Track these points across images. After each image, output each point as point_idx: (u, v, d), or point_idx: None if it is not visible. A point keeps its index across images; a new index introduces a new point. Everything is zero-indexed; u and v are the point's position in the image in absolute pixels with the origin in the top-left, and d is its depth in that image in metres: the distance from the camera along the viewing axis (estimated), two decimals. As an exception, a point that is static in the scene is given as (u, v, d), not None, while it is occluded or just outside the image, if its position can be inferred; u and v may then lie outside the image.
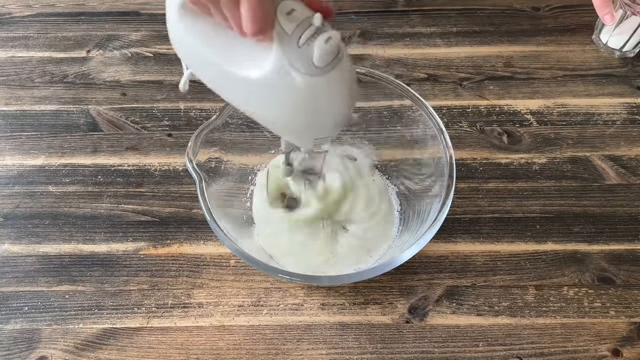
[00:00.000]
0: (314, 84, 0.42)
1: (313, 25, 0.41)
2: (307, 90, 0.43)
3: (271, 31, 0.41)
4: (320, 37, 0.41)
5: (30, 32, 0.84)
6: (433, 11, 0.85)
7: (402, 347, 0.57)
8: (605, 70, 0.78)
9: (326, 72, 0.42)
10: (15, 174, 0.70)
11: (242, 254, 0.52)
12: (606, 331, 0.58)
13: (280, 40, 0.42)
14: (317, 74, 0.42)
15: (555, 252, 0.63)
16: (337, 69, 0.42)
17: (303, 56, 0.41)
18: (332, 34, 0.41)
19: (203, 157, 0.58)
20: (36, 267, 0.62)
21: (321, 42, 0.41)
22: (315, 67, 0.42)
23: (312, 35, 0.41)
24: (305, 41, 0.41)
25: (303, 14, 0.42)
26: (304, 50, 0.41)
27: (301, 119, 0.46)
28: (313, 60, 0.41)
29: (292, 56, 0.42)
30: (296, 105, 0.44)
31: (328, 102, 0.45)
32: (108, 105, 0.76)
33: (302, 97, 0.43)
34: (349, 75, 0.45)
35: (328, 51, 0.41)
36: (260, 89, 0.44)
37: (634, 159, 0.69)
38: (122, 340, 0.58)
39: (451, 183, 0.54)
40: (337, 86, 0.44)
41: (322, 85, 0.43)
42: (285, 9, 0.42)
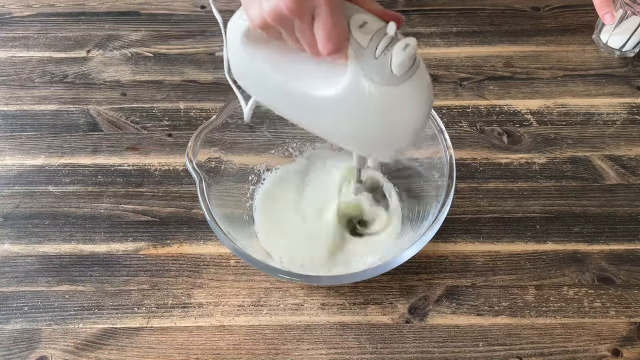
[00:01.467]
0: (393, 94, 0.42)
1: (387, 35, 0.41)
2: (388, 101, 0.42)
3: (346, 49, 0.41)
4: (397, 45, 0.40)
5: (30, 32, 0.84)
6: (433, 11, 0.85)
7: (402, 347, 0.57)
8: (605, 70, 0.78)
9: (405, 80, 0.42)
10: (15, 174, 0.70)
11: (242, 254, 0.52)
12: (606, 331, 0.58)
13: (355, 55, 0.41)
14: (397, 83, 0.42)
15: (555, 252, 0.63)
16: (415, 76, 0.42)
17: (381, 66, 0.41)
18: (409, 40, 0.41)
19: (203, 157, 0.58)
20: (36, 267, 0.62)
21: (399, 50, 0.40)
22: (394, 76, 0.41)
23: (388, 44, 0.41)
24: (382, 51, 0.41)
25: (376, 25, 0.42)
26: (382, 60, 0.41)
27: (382, 130, 0.45)
28: (392, 69, 0.41)
29: (370, 68, 0.41)
30: (377, 117, 0.44)
31: (409, 110, 0.44)
32: (108, 105, 0.76)
33: (383, 108, 0.43)
34: (428, 82, 0.44)
35: (406, 58, 0.41)
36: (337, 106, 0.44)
37: (634, 159, 0.69)
38: (122, 340, 0.58)
39: (451, 183, 0.54)
40: (417, 93, 0.43)
41: (402, 94, 0.43)
42: (358, 22, 0.42)
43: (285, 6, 0.38)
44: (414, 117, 0.45)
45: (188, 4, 0.87)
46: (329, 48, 0.40)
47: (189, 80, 0.78)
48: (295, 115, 0.49)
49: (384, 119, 0.44)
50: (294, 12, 0.38)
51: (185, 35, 0.83)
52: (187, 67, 0.79)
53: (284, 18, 0.39)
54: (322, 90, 0.44)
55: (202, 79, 0.78)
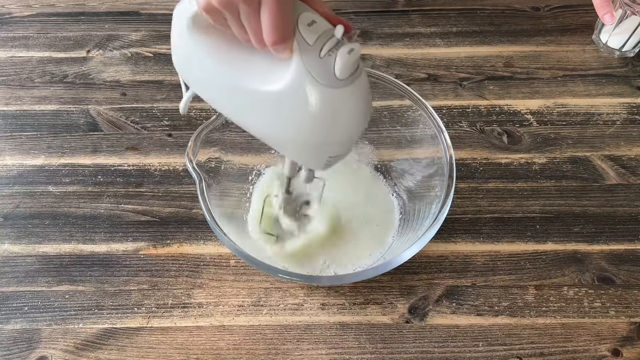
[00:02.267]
0: (333, 96, 0.42)
1: (334, 37, 0.41)
2: (327, 102, 0.42)
3: (292, 41, 0.41)
4: (343, 49, 0.41)
5: (30, 32, 0.84)
6: (433, 11, 0.85)
7: (402, 347, 0.57)
8: (605, 70, 0.78)
9: (346, 85, 0.42)
10: (15, 174, 0.70)
11: (242, 254, 0.52)
12: (606, 331, 0.58)
13: (301, 51, 0.41)
14: (337, 86, 0.42)
15: (555, 252, 0.63)
16: (356, 83, 0.42)
17: (324, 67, 0.41)
18: (355, 46, 0.41)
19: (203, 157, 0.58)
20: (36, 267, 0.62)
21: (344, 54, 0.40)
22: (336, 78, 0.41)
23: (334, 46, 0.41)
24: (327, 52, 0.41)
25: (324, 26, 0.42)
26: (326, 61, 0.41)
27: (318, 133, 0.45)
28: (335, 72, 0.41)
29: (313, 67, 0.41)
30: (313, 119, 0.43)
31: (346, 116, 0.44)
32: (108, 105, 0.76)
33: (321, 109, 0.43)
34: (367, 90, 0.44)
35: (350, 63, 0.41)
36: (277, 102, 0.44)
37: (634, 159, 0.69)
38: (122, 340, 0.58)
39: (451, 183, 0.55)
40: (356, 100, 0.43)
41: (342, 98, 0.42)
42: (306, 20, 0.42)
43: None
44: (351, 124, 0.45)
45: (188, 4, 0.87)
46: (274, 37, 0.40)
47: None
48: (232, 110, 0.48)
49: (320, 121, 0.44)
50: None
51: (185, 35, 0.83)
52: (187, 67, 0.79)
53: (229, 3, 0.39)
54: (264, 85, 0.43)
55: (202, 79, 0.78)
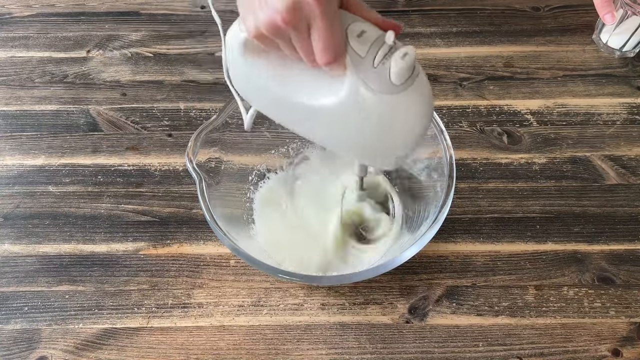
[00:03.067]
0: (393, 102, 0.42)
1: (386, 43, 0.41)
2: (387, 109, 0.42)
3: (344, 58, 0.41)
4: (396, 54, 0.40)
5: (30, 32, 0.84)
6: (433, 11, 0.85)
7: (402, 347, 0.57)
8: (605, 70, 0.78)
9: (405, 88, 0.42)
10: (15, 174, 0.70)
11: (242, 254, 0.52)
12: (606, 331, 0.58)
13: (354, 64, 0.41)
14: (395, 91, 0.41)
15: (555, 252, 0.63)
16: (415, 84, 0.42)
17: (380, 75, 0.41)
18: (408, 49, 0.41)
19: (203, 157, 0.58)
20: (36, 267, 0.62)
21: (397, 59, 0.40)
22: (393, 84, 0.41)
23: (386, 53, 0.41)
24: (381, 60, 0.41)
25: (374, 34, 0.42)
26: (380, 69, 0.41)
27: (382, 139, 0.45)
28: (390, 78, 0.41)
29: (368, 77, 0.41)
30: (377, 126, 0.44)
31: (408, 119, 0.44)
32: (108, 105, 0.76)
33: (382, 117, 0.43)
34: (427, 90, 0.44)
35: (405, 67, 0.40)
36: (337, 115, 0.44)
37: (634, 159, 0.69)
38: (122, 340, 0.58)
39: (451, 183, 0.54)
40: (416, 101, 0.43)
41: (401, 103, 0.42)
42: (356, 32, 0.41)
43: (281, 17, 0.38)
44: (414, 125, 0.45)
45: (188, 4, 0.87)
46: (326, 58, 0.40)
47: (189, 80, 0.78)
48: (295, 124, 0.49)
49: (383, 128, 0.44)
50: (289, 23, 0.38)
51: (185, 35, 0.83)
52: (187, 67, 0.79)
53: (279, 29, 0.39)
54: (321, 100, 0.44)
55: (202, 79, 0.78)
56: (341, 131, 0.46)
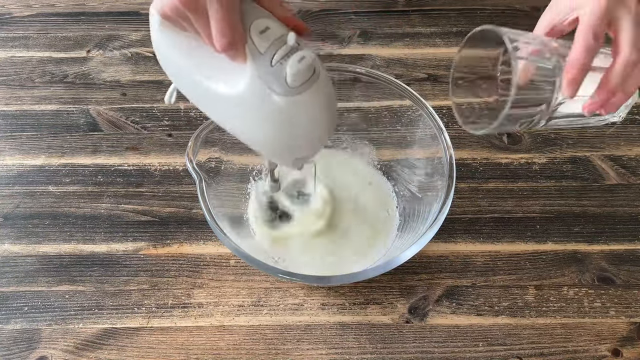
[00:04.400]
0: (288, 104, 0.42)
1: (287, 44, 0.41)
2: (282, 110, 0.42)
3: (243, 48, 0.41)
4: (294, 57, 0.40)
5: (30, 32, 0.84)
6: (433, 11, 0.85)
7: (402, 347, 0.57)
8: (605, 70, 0.78)
9: (301, 92, 0.41)
10: (15, 174, 0.69)
11: (242, 254, 0.52)
12: (606, 331, 0.58)
13: (253, 59, 0.41)
14: (291, 93, 0.41)
15: (555, 252, 0.63)
16: (312, 89, 0.42)
17: (276, 75, 0.41)
18: (306, 53, 0.41)
19: (203, 157, 0.58)
20: (36, 267, 0.62)
21: (294, 62, 0.40)
22: (289, 86, 0.41)
23: (285, 54, 0.41)
24: (279, 60, 0.41)
25: (277, 32, 0.41)
26: (277, 69, 0.41)
27: (278, 138, 0.45)
28: (286, 80, 0.41)
29: (266, 75, 0.41)
30: (271, 125, 0.43)
31: (305, 122, 0.44)
32: (108, 105, 0.76)
33: (277, 117, 0.43)
34: (327, 95, 0.44)
35: (301, 71, 0.40)
36: (235, 106, 0.44)
37: (634, 159, 0.69)
38: (122, 340, 0.58)
39: (451, 183, 0.55)
40: (314, 106, 0.43)
41: (297, 105, 0.42)
42: (260, 27, 0.41)
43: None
44: (312, 129, 0.45)
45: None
46: (222, 43, 0.40)
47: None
48: (207, 108, 0.48)
49: (278, 128, 0.44)
50: (186, 4, 0.39)
51: (185, 35, 0.83)
52: (187, 67, 0.79)
53: (178, 10, 0.40)
54: (224, 88, 0.44)
55: (202, 79, 0.78)
56: (241, 123, 0.46)
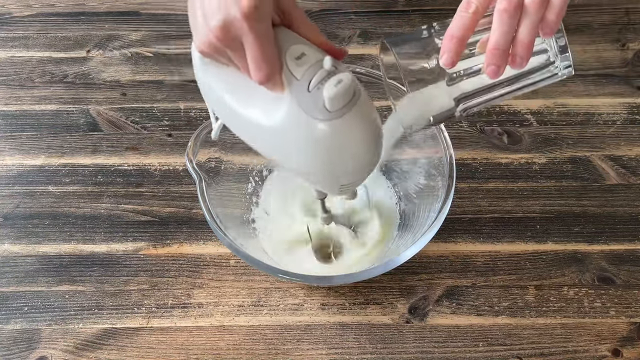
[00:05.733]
0: (329, 129, 0.41)
1: (323, 68, 0.40)
2: (323, 136, 0.41)
3: (280, 77, 0.41)
4: (330, 81, 0.40)
5: (30, 32, 0.84)
6: (433, 11, 0.85)
7: (402, 347, 0.57)
8: (605, 70, 0.78)
9: (341, 116, 0.40)
10: (15, 174, 0.69)
11: (242, 254, 0.52)
12: (606, 331, 0.58)
13: (290, 86, 0.41)
14: (331, 117, 0.40)
15: (555, 252, 0.63)
16: (352, 112, 0.41)
17: (315, 101, 0.40)
18: (344, 76, 0.40)
19: (203, 157, 0.58)
20: (36, 267, 0.62)
21: (331, 86, 0.39)
22: (328, 111, 0.40)
23: (322, 78, 0.40)
24: (316, 85, 0.40)
25: (313, 58, 0.41)
26: (315, 94, 0.40)
27: (321, 165, 0.44)
28: (325, 105, 0.40)
29: (304, 102, 0.40)
30: (314, 152, 0.43)
31: (347, 147, 0.43)
32: (108, 105, 0.76)
33: (318, 143, 0.42)
34: (368, 117, 0.43)
35: (339, 94, 0.40)
36: (277, 135, 0.43)
37: (634, 159, 0.69)
38: (122, 340, 0.58)
39: (451, 183, 0.54)
40: (354, 130, 0.42)
41: (338, 130, 0.41)
42: (295, 54, 0.41)
43: (214, 36, 0.39)
44: (356, 153, 0.44)
45: (188, 4, 0.86)
46: (259, 77, 0.40)
47: (189, 80, 0.78)
48: (249, 139, 0.48)
49: (320, 155, 0.43)
50: (221, 41, 0.39)
51: (185, 35, 0.83)
52: (187, 67, 0.79)
53: (215, 47, 0.40)
54: (263, 118, 0.43)
55: (202, 79, 0.78)
56: (283, 152, 0.45)
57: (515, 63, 0.41)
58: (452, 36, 0.41)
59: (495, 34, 0.40)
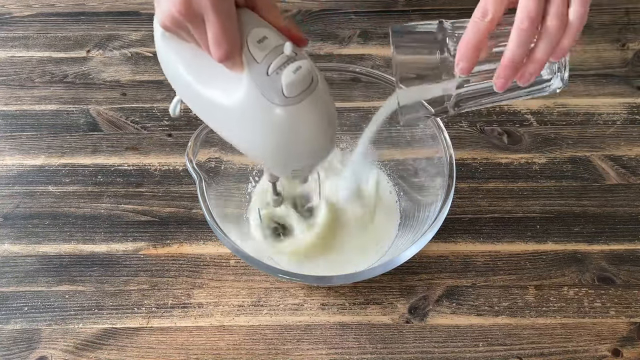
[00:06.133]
0: (285, 114, 0.41)
1: (283, 53, 0.41)
2: (279, 120, 0.42)
3: (240, 57, 0.41)
4: (289, 67, 0.40)
5: (30, 32, 0.84)
6: (433, 11, 0.85)
7: (402, 347, 0.57)
8: (605, 70, 0.78)
9: (297, 102, 0.41)
10: (15, 174, 0.69)
11: (242, 254, 0.52)
12: (606, 331, 0.58)
13: (250, 68, 0.41)
14: (287, 103, 0.41)
15: (555, 252, 0.63)
16: (309, 99, 0.41)
17: (273, 85, 0.41)
18: (303, 63, 0.40)
19: (203, 157, 0.58)
20: (36, 267, 0.62)
21: (289, 72, 0.40)
22: (285, 96, 0.41)
23: (282, 64, 0.40)
24: (275, 70, 0.40)
25: (274, 42, 0.41)
26: (274, 79, 0.40)
27: (275, 148, 0.45)
28: (283, 90, 0.40)
29: (262, 85, 0.41)
30: (268, 135, 0.43)
31: (302, 133, 0.43)
32: (108, 105, 0.76)
33: (274, 127, 0.42)
34: (325, 105, 0.43)
35: (297, 81, 0.40)
36: (233, 115, 0.44)
37: (634, 159, 0.69)
38: (122, 340, 0.58)
39: (451, 183, 0.55)
40: (311, 116, 0.43)
41: (294, 115, 0.42)
42: (257, 37, 0.41)
43: (176, 10, 0.40)
44: (310, 140, 0.44)
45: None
46: (218, 53, 0.40)
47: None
48: (207, 118, 0.48)
49: (275, 139, 0.43)
50: (184, 15, 0.40)
51: (185, 35, 0.83)
52: (187, 67, 0.79)
53: (177, 21, 0.41)
54: (221, 97, 0.44)
55: (202, 79, 0.78)
56: (240, 133, 0.45)
57: (523, 78, 0.42)
58: (469, 44, 0.42)
59: (511, 49, 0.41)
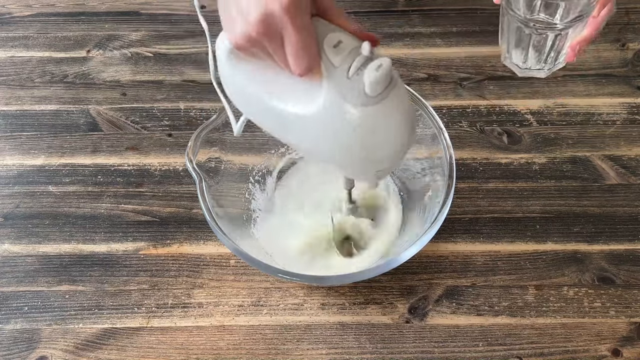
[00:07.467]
0: (369, 114, 0.41)
1: (361, 54, 0.41)
2: (363, 121, 0.42)
3: (319, 67, 0.41)
4: (370, 66, 0.40)
5: (30, 32, 0.84)
6: (433, 11, 0.85)
7: (402, 347, 0.57)
8: (605, 70, 0.78)
9: (380, 100, 0.41)
10: (15, 174, 0.70)
11: (242, 254, 0.52)
12: (606, 331, 0.58)
13: (329, 74, 0.41)
14: (371, 103, 0.41)
15: (555, 252, 0.63)
16: (391, 96, 0.41)
17: (354, 87, 0.41)
18: (383, 61, 0.40)
19: (203, 157, 0.58)
20: (36, 267, 0.62)
21: (371, 71, 0.40)
22: (367, 96, 0.41)
23: (361, 65, 0.40)
24: (355, 71, 0.40)
25: (350, 45, 0.41)
26: (355, 81, 0.40)
27: (360, 152, 0.44)
28: (365, 90, 0.40)
29: (343, 88, 0.41)
30: (353, 138, 0.43)
31: (386, 132, 0.43)
32: (108, 105, 0.76)
33: (358, 129, 0.42)
34: (405, 101, 0.44)
35: (379, 79, 0.40)
36: (314, 125, 0.44)
37: (634, 159, 0.69)
38: (122, 340, 0.58)
39: (451, 183, 0.55)
40: (393, 113, 0.43)
41: (378, 115, 0.42)
42: (332, 42, 0.41)
43: (254, 30, 0.39)
44: (393, 138, 0.44)
45: (188, 4, 0.86)
46: (299, 68, 0.40)
47: (189, 80, 0.78)
48: (281, 132, 0.48)
49: (360, 141, 0.43)
50: (262, 34, 0.39)
51: (185, 35, 0.83)
52: (187, 67, 0.79)
53: (254, 40, 0.40)
54: (301, 108, 0.44)
55: (202, 79, 0.78)
56: (320, 142, 0.45)
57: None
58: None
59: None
